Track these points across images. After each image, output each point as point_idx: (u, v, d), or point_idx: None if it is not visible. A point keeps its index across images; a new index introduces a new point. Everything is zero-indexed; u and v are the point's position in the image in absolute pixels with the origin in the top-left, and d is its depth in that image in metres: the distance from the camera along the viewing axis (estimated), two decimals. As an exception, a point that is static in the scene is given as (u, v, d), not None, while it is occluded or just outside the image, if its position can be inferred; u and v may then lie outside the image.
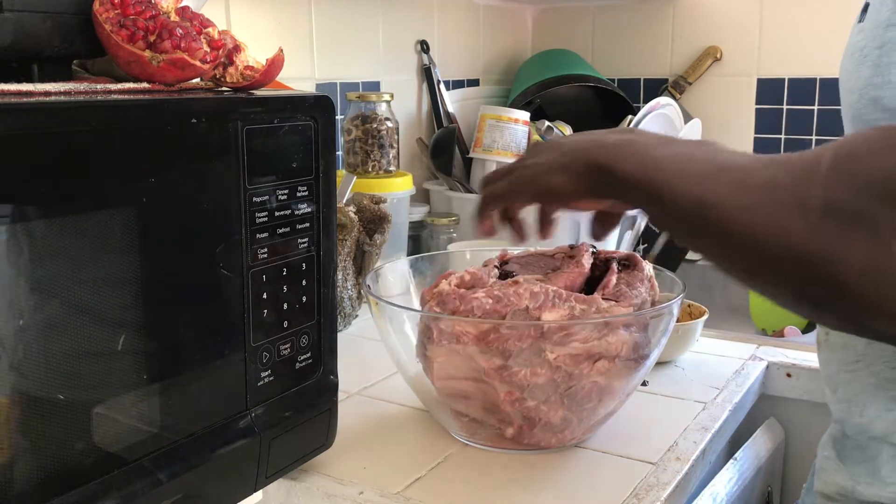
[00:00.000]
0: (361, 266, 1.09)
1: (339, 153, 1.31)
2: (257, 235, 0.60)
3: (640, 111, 1.48)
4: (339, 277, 1.06)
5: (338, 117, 1.30)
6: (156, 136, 0.53)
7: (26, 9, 0.55)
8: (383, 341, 0.80)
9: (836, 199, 0.46)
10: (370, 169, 1.27)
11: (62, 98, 0.50)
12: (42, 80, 0.58)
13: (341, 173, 1.18)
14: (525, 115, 1.52)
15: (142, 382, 0.54)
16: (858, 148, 0.48)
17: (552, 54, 1.75)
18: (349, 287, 1.08)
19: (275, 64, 0.63)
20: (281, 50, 0.63)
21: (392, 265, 0.90)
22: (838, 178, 0.47)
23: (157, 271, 0.54)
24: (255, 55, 0.64)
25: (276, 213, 0.62)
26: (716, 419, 0.83)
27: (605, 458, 0.76)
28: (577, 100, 1.73)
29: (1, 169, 0.44)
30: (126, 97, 0.53)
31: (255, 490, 0.65)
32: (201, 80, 0.63)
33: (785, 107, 1.65)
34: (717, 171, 0.54)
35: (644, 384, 0.91)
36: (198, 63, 0.58)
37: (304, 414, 0.67)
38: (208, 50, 0.59)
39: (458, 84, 1.67)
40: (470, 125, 1.58)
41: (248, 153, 0.59)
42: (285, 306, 0.64)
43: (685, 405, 0.87)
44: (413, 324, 0.77)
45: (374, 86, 1.43)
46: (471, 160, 1.54)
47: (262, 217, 0.61)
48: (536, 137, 1.51)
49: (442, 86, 1.57)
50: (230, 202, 0.58)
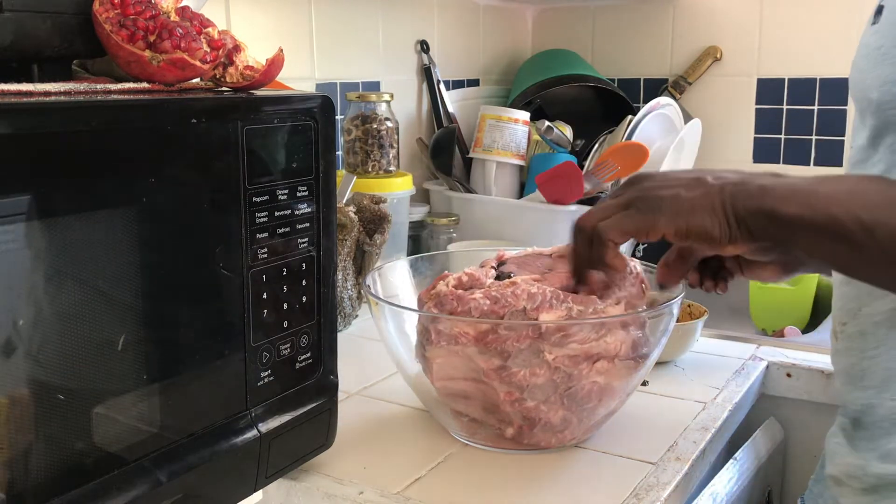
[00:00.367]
0: (361, 266, 1.09)
1: (339, 153, 1.31)
2: (257, 235, 0.60)
3: (640, 111, 1.48)
4: (339, 277, 1.06)
5: (338, 117, 1.30)
6: (156, 136, 0.53)
7: (26, 9, 0.55)
8: (383, 341, 0.80)
9: None
10: (370, 169, 1.27)
11: (62, 98, 0.50)
12: (42, 80, 0.58)
13: (341, 173, 1.18)
14: (525, 115, 1.52)
15: (142, 382, 0.54)
16: None
17: (552, 54, 1.75)
18: (349, 287, 1.08)
19: (275, 64, 0.63)
20: (281, 50, 0.63)
21: (392, 265, 0.90)
22: None
23: (157, 271, 0.54)
24: (255, 55, 0.64)
25: (276, 213, 0.62)
26: (716, 419, 0.83)
27: (605, 458, 0.76)
28: (577, 100, 1.73)
29: (1, 169, 0.44)
30: (126, 97, 0.53)
31: (255, 490, 0.65)
32: (201, 80, 0.63)
33: (785, 107, 1.65)
34: None
35: (644, 384, 0.91)
36: (198, 63, 0.58)
37: (304, 414, 0.67)
38: (208, 50, 0.59)
39: (458, 84, 1.67)
40: (470, 125, 1.58)
41: (248, 153, 0.59)
42: (285, 306, 0.64)
43: (685, 405, 0.87)
44: (413, 324, 0.77)
45: (374, 86, 1.43)
46: (471, 160, 1.54)
47: (262, 217, 0.61)
48: (536, 138, 1.51)
49: (442, 86, 1.57)
50: (230, 202, 0.58)
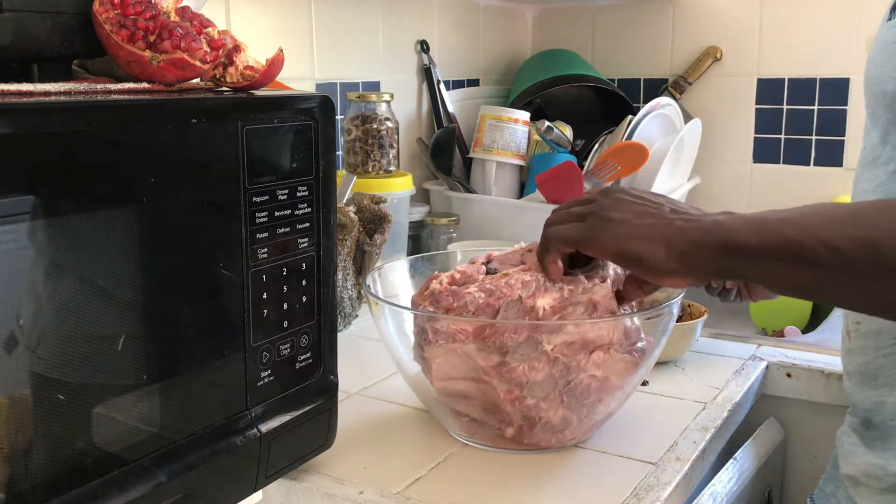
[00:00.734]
0: (361, 266, 1.09)
1: (339, 153, 1.31)
2: (257, 235, 0.60)
3: (640, 111, 1.48)
4: (339, 277, 1.06)
5: (338, 117, 1.30)
6: (156, 136, 0.53)
7: (26, 9, 0.55)
8: (383, 341, 0.80)
9: None
10: (370, 169, 1.27)
11: (62, 98, 0.50)
12: (42, 80, 0.58)
13: (341, 173, 1.18)
14: (525, 115, 1.52)
15: (142, 382, 0.54)
16: None
17: (552, 54, 1.75)
18: (349, 287, 1.08)
19: (275, 64, 0.63)
20: (281, 50, 0.63)
21: (392, 265, 0.90)
22: None
23: (157, 271, 0.54)
24: (255, 55, 0.64)
25: (276, 213, 0.62)
26: (716, 419, 0.83)
27: (605, 458, 0.76)
28: (577, 100, 1.73)
29: (1, 169, 0.44)
30: (126, 97, 0.53)
31: (255, 490, 0.65)
32: (201, 80, 0.63)
33: (785, 107, 1.65)
34: (861, 213, 0.53)
35: (644, 384, 0.91)
36: (198, 63, 0.58)
37: (304, 414, 0.67)
38: (208, 50, 0.59)
39: (458, 84, 1.67)
40: (470, 125, 1.58)
41: (248, 153, 0.59)
42: (285, 306, 0.64)
43: (685, 405, 0.87)
44: (413, 324, 0.77)
45: (374, 86, 1.43)
46: (471, 160, 1.54)
47: (262, 217, 0.61)
48: (536, 138, 1.51)
49: (442, 86, 1.57)
50: (230, 202, 0.58)
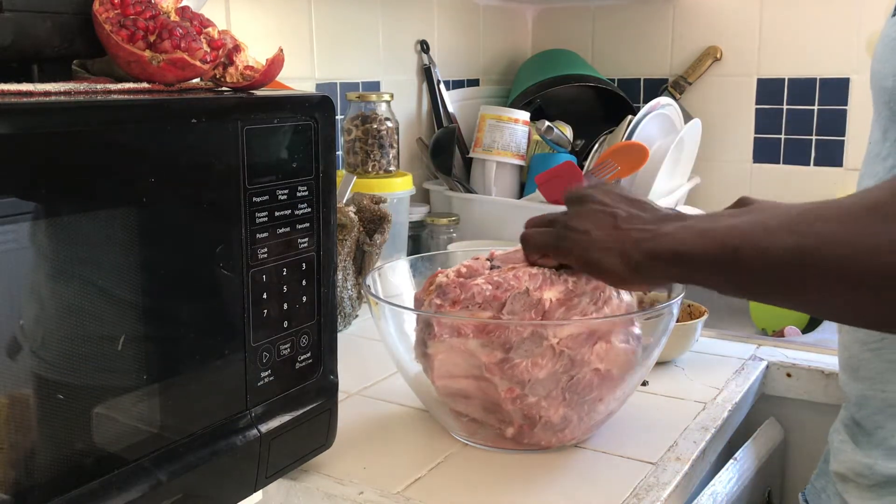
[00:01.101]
0: (361, 266, 1.09)
1: (339, 153, 1.31)
2: (257, 235, 0.60)
3: (640, 111, 1.48)
4: (339, 277, 1.06)
5: (338, 117, 1.30)
6: (156, 136, 0.53)
7: (26, 9, 0.55)
8: (383, 341, 0.80)
9: None
10: (370, 169, 1.27)
11: (62, 98, 0.50)
12: (42, 80, 0.58)
13: (341, 173, 1.18)
14: (525, 115, 1.52)
15: (142, 382, 0.54)
16: None
17: (552, 54, 1.75)
18: (349, 287, 1.08)
19: (275, 64, 0.63)
20: (281, 50, 0.63)
21: (392, 265, 0.90)
22: None
23: (157, 271, 0.54)
24: (255, 55, 0.64)
25: (276, 213, 0.62)
26: (716, 419, 0.83)
27: (605, 458, 0.76)
28: (577, 100, 1.73)
29: (1, 169, 0.44)
30: (126, 97, 0.53)
31: (255, 490, 0.65)
32: (201, 80, 0.63)
33: (785, 107, 1.65)
34: (801, 218, 0.53)
35: (644, 384, 0.91)
36: (198, 63, 0.58)
37: (304, 414, 0.67)
38: (208, 50, 0.59)
39: (458, 84, 1.67)
40: (470, 125, 1.58)
41: (248, 153, 0.59)
42: (285, 306, 0.64)
43: (685, 405, 0.87)
44: (413, 324, 0.77)
45: (374, 86, 1.43)
46: (471, 160, 1.54)
47: (262, 217, 0.61)
48: (536, 138, 1.51)
49: (442, 86, 1.57)
50: (230, 202, 0.58)
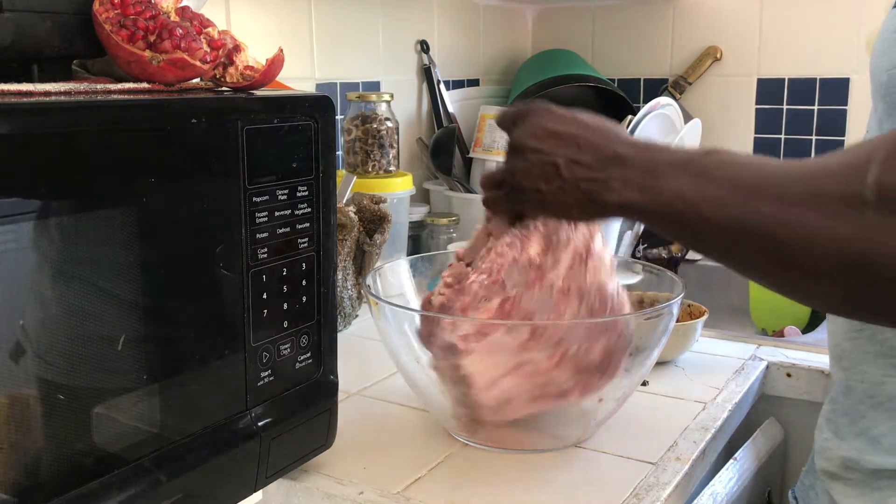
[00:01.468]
0: (361, 266, 1.09)
1: (339, 153, 1.31)
2: (257, 235, 0.60)
3: (640, 111, 1.48)
4: (339, 277, 1.06)
5: (338, 117, 1.30)
6: (156, 136, 0.53)
7: (26, 9, 0.55)
8: (383, 341, 0.80)
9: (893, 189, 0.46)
10: (370, 169, 1.27)
11: (62, 98, 0.50)
12: (42, 80, 0.58)
13: (341, 173, 1.18)
14: (525, 115, 1.52)
15: (142, 382, 0.54)
16: None
17: (552, 54, 1.75)
18: (349, 287, 1.08)
19: (275, 64, 0.63)
20: (281, 50, 0.63)
21: (392, 265, 0.90)
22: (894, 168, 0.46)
23: (157, 271, 0.54)
24: (255, 55, 0.64)
25: (276, 213, 0.62)
26: (716, 419, 0.83)
27: (605, 458, 0.76)
28: (577, 100, 1.73)
29: (1, 169, 0.44)
30: (126, 97, 0.53)
31: (255, 490, 0.65)
32: (201, 80, 0.63)
33: (785, 107, 1.65)
34: (750, 191, 0.52)
35: (644, 384, 0.91)
36: (198, 63, 0.58)
37: (304, 414, 0.67)
38: (208, 50, 0.59)
39: (458, 84, 1.67)
40: (470, 125, 1.58)
41: (248, 153, 0.59)
42: (285, 306, 0.64)
43: (685, 405, 0.87)
44: (413, 324, 0.77)
45: (374, 86, 1.43)
46: (471, 160, 1.54)
47: (262, 217, 0.61)
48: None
49: (442, 86, 1.57)
50: (230, 202, 0.58)
